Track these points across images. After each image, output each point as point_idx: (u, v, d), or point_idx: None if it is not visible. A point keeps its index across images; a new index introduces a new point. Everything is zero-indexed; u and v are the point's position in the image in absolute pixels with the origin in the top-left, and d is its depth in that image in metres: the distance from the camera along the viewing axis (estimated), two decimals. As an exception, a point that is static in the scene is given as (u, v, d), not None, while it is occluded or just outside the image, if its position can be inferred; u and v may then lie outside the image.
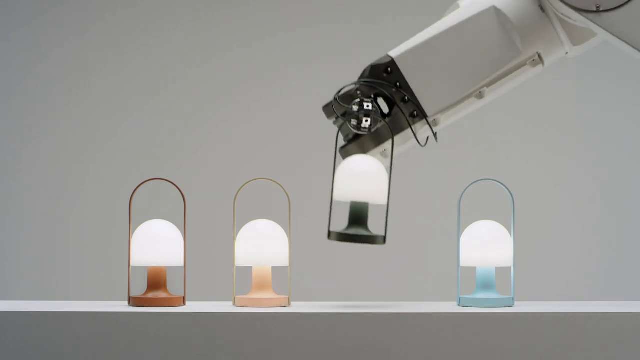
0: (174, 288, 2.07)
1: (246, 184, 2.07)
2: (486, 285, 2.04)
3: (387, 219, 1.99)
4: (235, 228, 2.06)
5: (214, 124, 3.71)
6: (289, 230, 2.06)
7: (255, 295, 2.04)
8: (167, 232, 2.05)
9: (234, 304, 2.04)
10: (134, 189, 2.07)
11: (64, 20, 3.74)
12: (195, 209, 2.54)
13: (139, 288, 2.08)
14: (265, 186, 2.16)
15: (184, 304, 2.04)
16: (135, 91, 3.73)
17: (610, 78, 3.67)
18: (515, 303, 2.05)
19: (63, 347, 1.90)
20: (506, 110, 3.62)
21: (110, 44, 3.74)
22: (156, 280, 2.05)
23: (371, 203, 1.98)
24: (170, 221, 2.07)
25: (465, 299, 2.03)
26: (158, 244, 2.03)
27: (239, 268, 2.06)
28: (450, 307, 2.00)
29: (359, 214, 1.98)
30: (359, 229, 1.98)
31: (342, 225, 1.99)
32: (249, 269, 2.06)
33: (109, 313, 1.92)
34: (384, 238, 1.97)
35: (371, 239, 1.96)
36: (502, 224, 2.06)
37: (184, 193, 2.08)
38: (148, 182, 2.08)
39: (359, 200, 1.97)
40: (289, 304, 2.05)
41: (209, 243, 3.44)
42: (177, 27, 3.74)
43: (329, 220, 2.00)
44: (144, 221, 2.06)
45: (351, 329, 1.90)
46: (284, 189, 2.07)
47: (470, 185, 2.06)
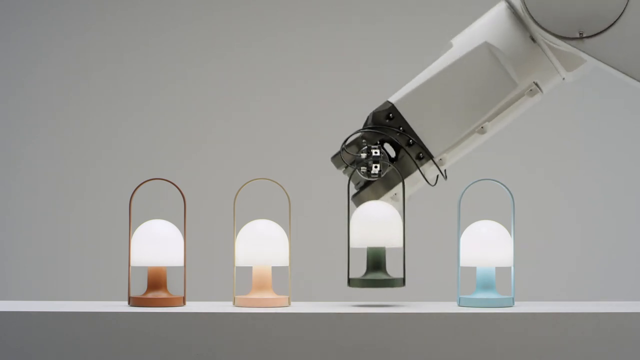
0: (174, 288, 2.07)
1: (246, 184, 2.07)
2: (486, 285, 2.04)
3: (405, 262, 2.03)
4: (235, 228, 2.06)
5: (214, 124, 3.71)
6: (289, 230, 2.06)
7: (255, 295, 2.04)
8: (167, 232, 2.05)
9: (234, 304, 2.04)
10: (134, 189, 2.07)
11: (64, 20, 3.74)
12: (195, 209, 2.54)
13: (139, 288, 2.08)
14: (265, 186, 2.16)
15: (184, 304, 2.04)
16: (135, 91, 3.73)
17: (610, 78, 3.66)
18: (515, 303, 2.05)
19: (63, 347, 1.90)
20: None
21: (110, 44, 3.74)
22: (156, 280, 2.05)
23: (387, 247, 2.03)
24: (170, 221, 2.07)
25: (465, 299, 2.03)
26: (158, 244, 2.03)
27: (239, 268, 2.06)
28: (450, 307, 2.00)
29: (376, 259, 2.03)
30: (377, 273, 2.03)
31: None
32: (249, 269, 2.06)
33: (109, 313, 1.92)
34: (403, 280, 2.02)
35: (391, 283, 2.01)
36: (502, 224, 2.06)
37: (184, 193, 2.08)
38: (148, 182, 2.08)
39: (375, 246, 2.02)
40: (289, 304, 2.05)
41: (209, 243, 3.45)
42: (177, 27, 3.74)
43: (348, 268, 2.03)
44: (144, 221, 2.06)
45: (351, 329, 1.90)
46: (284, 189, 2.07)
47: (470, 185, 2.06)
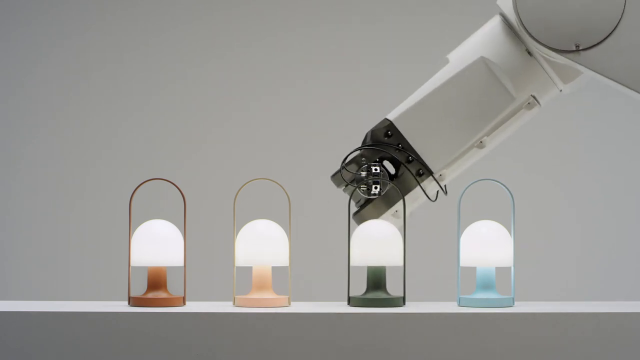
0: (174, 288, 2.07)
1: (246, 184, 2.07)
2: (486, 285, 2.04)
3: (405, 281, 2.04)
4: (235, 228, 2.06)
5: (214, 124, 3.71)
6: (289, 230, 2.06)
7: (255, 295, 2.04)
8: (167, 232, 2.05)
9: (234, 304, 2.04)
10: (134, 189, 2.07)
11: (64, 20, 3.74)
12: (195, 209, 2.54)
13: (139, 288, 2.08)
14: (265, 186, 2.16)
15: (184, 304, 2.04)
16: (135, 91, 3.73)
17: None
18: (515, 303, 2.05)
19: (63, 347, 1.90)
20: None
21: (110, 44, 3.74)
22: (156, 280, 2.05)
23: (388, 266, 2.04)
24: (170, 221, 2.07)
25: (465, 299, 2.03)
26: (158, 244, 2.03)
27: (239, 268, 2.06)
28: (450, 307, 2.01)
29: (377, 278, 2.04)
30: (377, 292, 2.03)
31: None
32: (249, 269, 2.07)
33: (109, 313, 1.92)
34: (403, 299, 2.03)
35: (391, 302, 2.02)
36: (502, 224, 2.06)
37: (184, 193, 2.08)
38: (148, 182, 2.08)
39: (375, 265, 2.03)
40: (289, 304, 2.05)
41: (209, 243, 3.45)
42: (177, 27, 3.74)
43: (348, 286, 2.04)
44: (144, 221, 2.06)
45: (351, 329, 1.90)
46: (284, 189, 2.07)
47: (470, 185, 2.06)
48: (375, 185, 2.05)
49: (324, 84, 3.67)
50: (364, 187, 2.06)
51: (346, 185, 2.09)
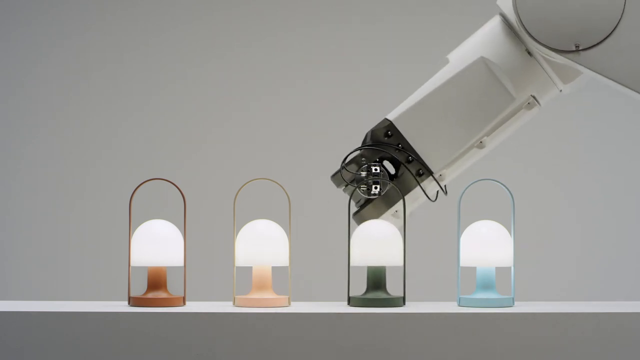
0: (174, 288, 2.07)
1: (246, 184, 2.07)
2: (486, 285, 2.04)
3: (405, 281, 2.04)
4: (235, 228, 2.06)
5: (214, 124, 3.71)
6: (289, 230, 2.06)
7: (255, 295, 2.04)
8: (167, 232, 2.05)
9: (234, 304, 2.04)
10: (134, 189, 2.07)
11: (64, 20, 3.74)
12: (195, 209, 2.54)
13: (139, 288, 2.08)
14: (265, 186, 2.16)
15: (184, 304, 2.04)
16: (135, 91, 3.73)
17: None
18: (515, 303, 2.05)
19: (63, 347, 1.90)
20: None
21: (110, 44, 3.74)
22: (156, 280, 2.05)
23: (388, 266, 2.04)
24: (170, 221, 2.07)
25: (465, 299, 2.03)
26: (158, 244, 2.03)
27: (239, 268, 2.06)
28: (450, 307, 2.01)
29: (376, 279, 2.04)
30: (377, 292, 2.04)
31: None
32: (249, 269, 2.07)
33: (109, 313, 1.92)
34: (403, 299, 2.03)
35: (391, 302, 2.02)
36: (502, 224, 2.06)
37: (184, 193, 2.08)
38: (148, 182, 2.08)
39: (375, 265, 2.03)
40: (289, 304, 2.05)
41: (209, 243, 3.45)
42: (177, 27, 3.74)
43: (348, 286, 2.04)
44: (144, 221, 2.06)
45: (351, 329, 1.90)
46: (284, 189, 2.07)
47: (470, 185, 2.06)
48: (375, 186, 2.06)
49: (324, 84, 3.67)
50: (364, 187, 2.07)
51: (346, 185, 2.10)
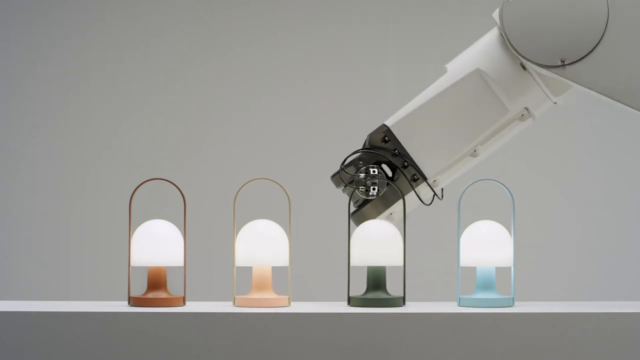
0: (174, 288, 2.07)
1: (246, 183, 2.07)
2: (486, 285, 2.04)
3: (405, 281, 2.04)
4: (235, 228, 2.06)
5: (214, 124, 3.71)
6: (289, 230, 2.06)
7: (255, 295, 2.04)
8: (167, 232, 2.05)
9: (234, 304, 2.04)
10: (134, 189, 2.07)
11: (64, 20, 3.74)
12: (195, 209, 2.54)
13: (139, 288, 2.08)
14: (265, 186, 2.16)
15: (184, 304, 2.04)
16: (135, 91, 3.73)
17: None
18: (515, 303, 2.05)
19: (63, 347, 1.90)
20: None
21: (110, 44, 3.74)
22: (156, 280, 2.05)
23: (388, 266, 2.05)
24: (170, 221, 2.07)
25: (465, 299, 2.03)
26: (158, 244, 2.03)
27: (239, 268, 2.06)
28: (450, 307, 2.01)
29: (377, 278, 2.05)
30: (377, 292, 2.04)
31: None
32: (249, 269, 2.07)
33: (109, 313, 1.92)
34: (403, 299, 2.04)
35: (391, 302, 2.03)
36: (502, 224, 2.06)
37: (184, 193, 2.08)
38: (148, 182, 2.08)
39: (375, 265, 2.03)
40: (289, 304, 2.05)
41: (209, 243, 3.45)
42: (177, 27, 3.74)
43: (348, 286, 2.05)
44: (144, 221, 2.06)
45: (351, 329, 1.90)
46: (284, 189, 2.07)
47: (470, 185, 2.07)
48: (373, 187, 2.07)
49: (324, 84, 3.67)
50: (362, 189, 2.08)
51: (345, 186, 2.12)
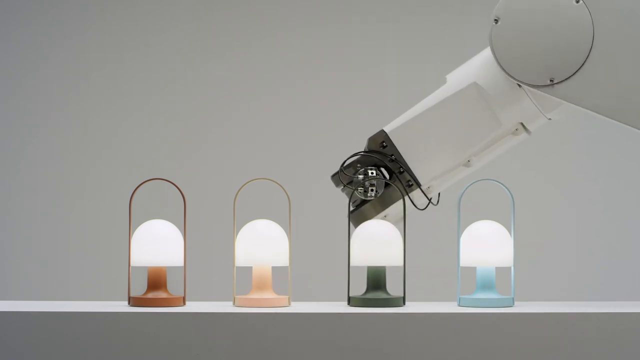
0: (174, 288, 2.07)
1: (246, 183, 2.07)
2: (486, 285, 2.04)
3: (405, 281, 2.05)
4: (235, 228, 2.06)
5: (214, 124, 3.71)
6: (289, 230, 2.06)
7: (255, 295, 2.04)
8: (167, 232, 2.05)
9: (234, 304, 2.04)
10: (134, 189, 2.07)
11: (64, 20, 3.74)
12: (195, 209, 2.54)
13: (139, 288, 2.08)
14: (265, 186, 2.16)
15: (184, 304, 2.04)
16: (135, 91, 3.73)
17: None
18: (515, 303, 2.05)
19: (63, 347, 1.90)
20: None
21: (110, 44, 3.74)
22: (156, 280, 2.05)
23: (388, 266, 2.06)
24: (170, 221, 2.07)
25: (465, 299, 2.03)
26: (158, 244, 2.03)
27: (239, 268, 2.06)
28: (450, 307, 2.01)
29: (377, 278, 2.05)
30: (377, 292, 2.05)
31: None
32: (249, 269, 2.07)
33: (109, 313, 1.92)
34: (403, 299, 2.04)
35: (391, 302, 2.03)
36: (502, 224, 2.06)
37: (184, 193, 2.08)
38: (148, 182, 2.08)
39: (375, 265, 2.04)
40: (289, 304, 2.05)
41: (209, 243, 3.45)
42: (177, 27, 3.74)
43: (348, 286, 2.05)
44: (144, 221, 2.06)
45: (351, 329, 1.90)
46: (284, 189, 2.07)
47: (470, 185, 2.07)
48: (372, 188, 2.10)
49: (324, 84, 3.67)
50: (361, 189, 2.11)
51: (344, 187, 2.14)
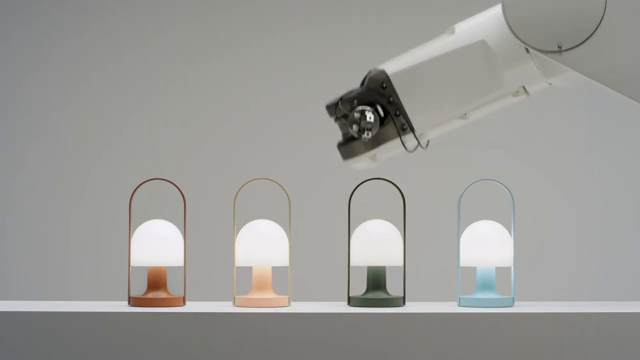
0: (174, 288, 2.07)
1: (246, 183, 2.07)
2: (486, 285, 2.04)
3: (405, 281, 2.05)
4: (235, 228, 2.06)
5: (214, 124, 3.71)
6: (289, 230, 2.06)
7: (255, 295, 2.04)
8: (167, 232, 2.05)
9: (234, 304, 2.04)
10: (134, 189, 2.07)
11: (64, 20, 3.74)
12: (195, 209, 2.54)
13: (139, 288, 2.08)
14: (265, 186, 2.16)
15: (184, 304, 2.04)
16: (135, 91, 3.73)
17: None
18: (515, 303, 2.05)
19: (63, 347, 1.90)
20: (506, 111, 3.62)
21: (110, 44, 3.74)
22: (156, 280, 2.05)
23: (388, 266, 2.06)
24: (170, 221, 2.07)
25: (465, 299, 2.03)
26: (158, 244, 2.04)
27: (239, 268, 2.06)
28: (450, 307, 2.01)
29: (377, 278, 2.05)
30: (377, 292, 2.05)
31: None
32: (249, 269, 2.07)
33: (109, 313, 1.92)
34: (403, 299, 2.04)
35: (391, 302, 2.03)
36: (502, 224, 2.06)
37: (184, 193, 2.08)
38: (148, 182, 2.08)
39: (375, 265, 2.04)
40: (289, 304, 2.05)
41: (209, 243, 3.45)
42: (177, 27, 3.74)
43: (348, 286, 2.05)
44: (144, 221, 2.06)
45: (351, 329, 1.90)
46: (284, 189, 2.07)
47: (470, 185, 2.07)
48: (367, 132, 2.09)
49: (324, 84, 3.67)
50: (355, 127, 2.10)
51: (337, 119, 2.15)
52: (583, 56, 2.01)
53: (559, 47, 2.02)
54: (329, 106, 2.17)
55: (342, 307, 2.00)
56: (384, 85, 2.14)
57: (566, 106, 3.65)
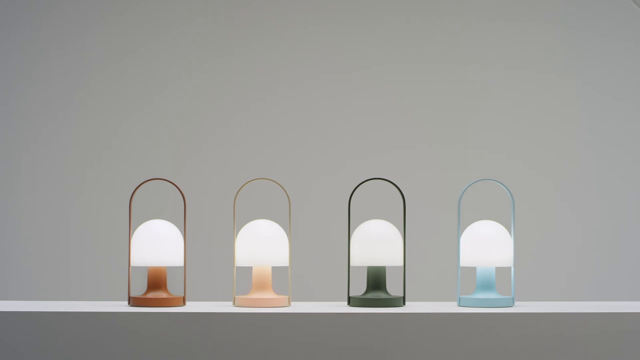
0: (174, 288, 2.07)
1: (246, 184, 2.07)
2: (486, 285, 2.04)
3: (405, 281, 2.05)
4: (235, 228, 2.06)
5: (215, 124, 3.71)
6: (289, 230, 2.06)
7: (255, 295, 2.04)
8: (167, 232, 2.05)
9: (234, 304, 2.04)
10: (134, 189, 2.07)
11: (64, 20, 3.74)
12: (196, 209, 2.54)
13: (139, 288, 2.08)
14: (265, 186, 2.16)
15: (184, 304, 2.04)
16: (135, 92, 3.73)
17: (610, 79, 3.67)
18: (515, 303, 2.05)
19: (63, 347, 1.90)
20: (506, 111, 3.62)
21: (111, 44, 3.74)
22: (156, 280, 2.05)
23: (388, 266, 2.06)
24: (170, 221, 2.07)
25: (465, 299, 2.03)
26: (158, 244, 2.03)
27: (239, 268, 2.06)
28: (450, 307, 2.01)
29: (377, 278, 2.06)
30: (377, 292, 2.05)
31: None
32: (249, 269, 2.07)
33: (109, 313, 1.92)
34: (403, 299, 2.05)
35: (391, 302, 2.04)
36: (502, 224, 2.06)
37: (184, 193, 2.08)
38: (148, 182, 2.08)
39: (375, 265, 2.04)
40: (289, 304, 2.05)
41: (209, 243, 3.44)
42: (177, 27, 3.74)
43: (348, 286, 2.05)
44: (144, 221, 2.06)
45: (351, 329, 1.90)
46: (284, 189, 2.07)
47: (470, 185, 2.07)
48: None
49: (324, 84, 3.67)
50: None
51: None
52: None
53: None
54: None
55: (342, 307, 2.00)
56: None
57: (566, 107, 3.65)
